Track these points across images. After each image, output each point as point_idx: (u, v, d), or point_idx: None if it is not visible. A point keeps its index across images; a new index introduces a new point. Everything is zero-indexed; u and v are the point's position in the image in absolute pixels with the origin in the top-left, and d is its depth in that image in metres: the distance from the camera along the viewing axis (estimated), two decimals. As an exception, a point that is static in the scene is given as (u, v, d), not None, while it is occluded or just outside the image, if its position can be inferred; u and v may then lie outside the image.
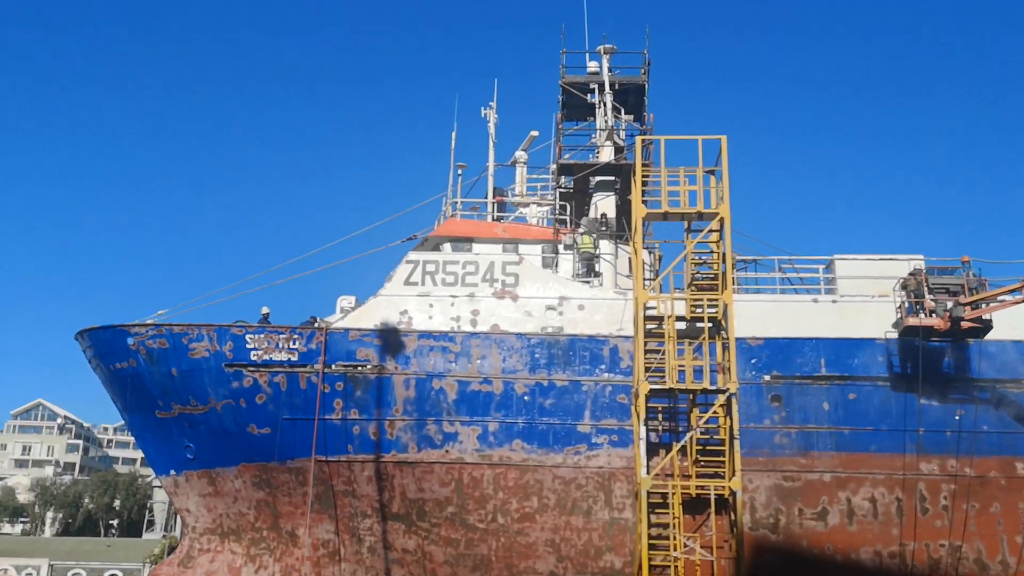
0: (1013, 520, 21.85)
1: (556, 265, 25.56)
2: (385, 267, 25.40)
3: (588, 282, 24.68)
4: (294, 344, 23.88)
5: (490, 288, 24.26)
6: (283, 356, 23.85)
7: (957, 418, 22.09)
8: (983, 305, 21.37)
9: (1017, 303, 21.10)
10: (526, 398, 23.34)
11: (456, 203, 27.74)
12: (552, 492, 22.93)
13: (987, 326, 21.54)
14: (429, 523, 23.31)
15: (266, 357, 23.87)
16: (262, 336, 24.03)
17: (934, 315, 21.34)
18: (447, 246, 26.25)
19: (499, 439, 23.24)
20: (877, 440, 22.33)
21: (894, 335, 22.53)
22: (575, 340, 23.61)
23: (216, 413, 24.22)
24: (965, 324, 21.14)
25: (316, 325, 24.46)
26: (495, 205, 28.29)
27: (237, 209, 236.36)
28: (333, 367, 23.81)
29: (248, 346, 23.97)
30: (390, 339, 23.93)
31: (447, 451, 23.27)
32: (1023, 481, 21.85)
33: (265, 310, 25.34)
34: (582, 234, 25.20)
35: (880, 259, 23.82)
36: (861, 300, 23.18)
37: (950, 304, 21.19)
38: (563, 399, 23.28)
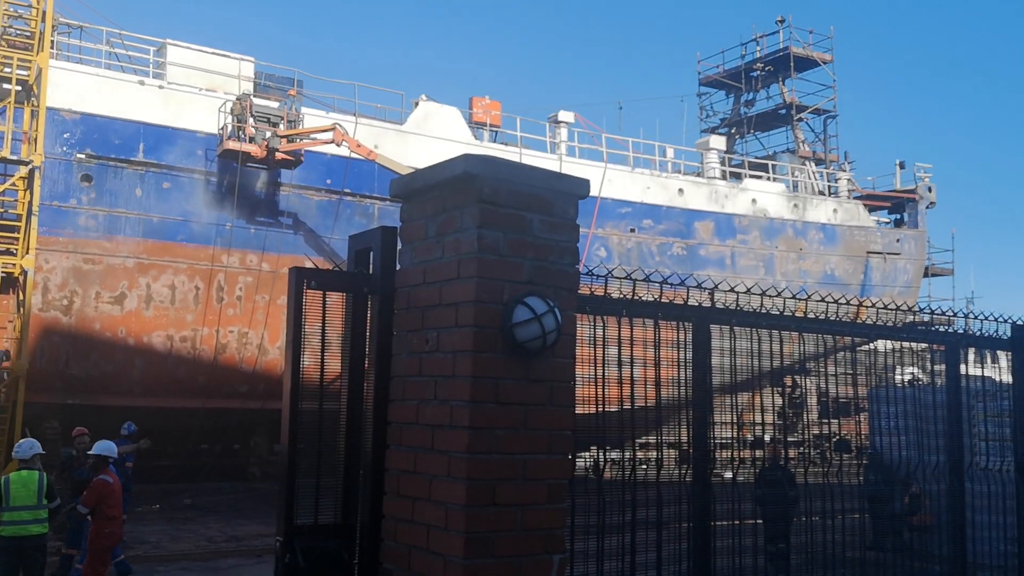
0: (296, 311, 24.59)
1: None
2: None
3: None
4: None
5: None
6: None
7: (265, 217, 23.71)
8: (297, 140, 22.84)
9: (327, 143, 22.98)
10: None
11: None
12: None
13: (299, 160, 23.07)
14: None
15: None
16: None
17: (253, 142, 22.13)
18: None
19: None
20: (186, 231, 22.88)
21: (215, 143, 22.80)
22: None
23: None
24: (279, 156, 22.42)
25: None
26: None
27: None
28: None
29: None
30: None
31: None
32: (308, 277, 24.58)
33: None
34: None
35: (212, 53, 23.74)
36: (189, 91, 22.96)
37: (268, 134, 22.20)
38: None
